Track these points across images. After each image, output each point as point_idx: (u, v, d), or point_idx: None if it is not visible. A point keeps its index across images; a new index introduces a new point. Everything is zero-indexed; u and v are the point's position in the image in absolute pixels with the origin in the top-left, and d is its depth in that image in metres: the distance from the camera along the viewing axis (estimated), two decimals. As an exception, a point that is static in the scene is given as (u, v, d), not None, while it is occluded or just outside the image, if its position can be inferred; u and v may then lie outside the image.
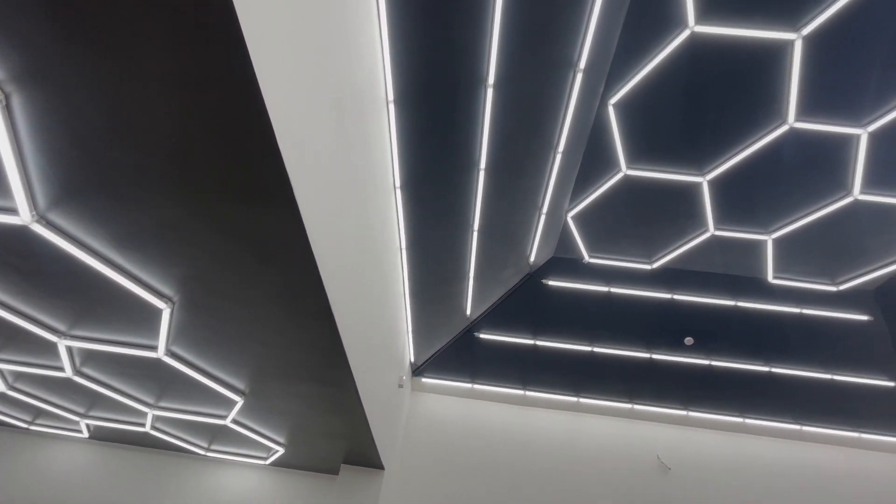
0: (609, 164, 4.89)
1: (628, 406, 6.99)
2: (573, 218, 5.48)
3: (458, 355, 6.85)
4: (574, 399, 7.03)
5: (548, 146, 4.54)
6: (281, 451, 5.74)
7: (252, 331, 3.23)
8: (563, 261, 5.98)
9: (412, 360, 6.80)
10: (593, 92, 4.23)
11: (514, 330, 6.59)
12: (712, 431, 7.05)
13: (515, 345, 6.65)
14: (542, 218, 5.30)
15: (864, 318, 5.87)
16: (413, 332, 6.25)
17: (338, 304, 2.97)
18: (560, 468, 6.61)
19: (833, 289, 5.72)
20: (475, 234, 5.19)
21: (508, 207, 5.06)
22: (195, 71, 1.70)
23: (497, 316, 6.53)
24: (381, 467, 5.72)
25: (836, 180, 4.73)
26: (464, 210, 4.89)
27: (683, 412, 6.93)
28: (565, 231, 5.65)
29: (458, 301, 6.10)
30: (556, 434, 6.95)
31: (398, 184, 4.31)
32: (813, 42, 3.78)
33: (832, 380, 6.34)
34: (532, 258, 5.87)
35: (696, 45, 3.90)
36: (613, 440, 6.95)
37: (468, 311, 6.32)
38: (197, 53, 1.64)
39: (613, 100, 4.34)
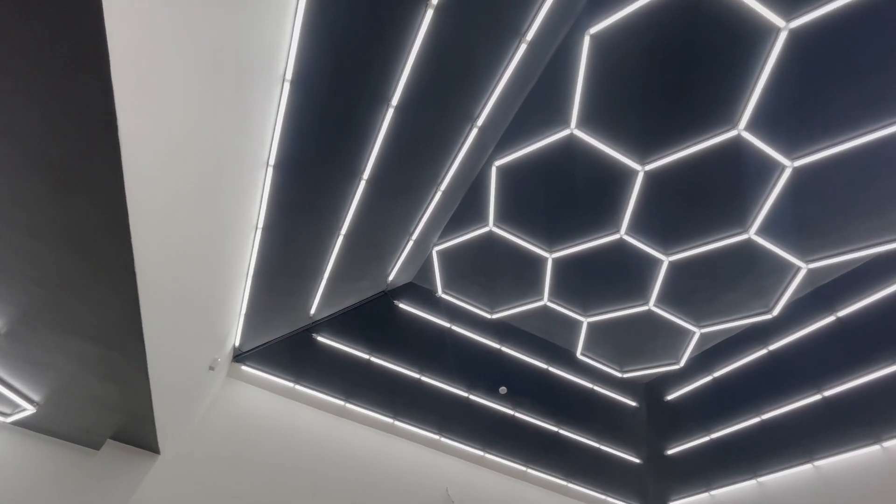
0: (480, 216, 5.30)
1: (436, 437, 7.38)
2: (438, 252, 5.78)
3: (288, 352, 6.57)
4: (390, 420, 7.19)
5: (432, 180, 4.77)
6: (31, 410, 4.77)
7: (25, 264, 2.71)
8: (418, 288, 6.22)
9: (237, 344, 6.32)
10: (483, 149, 4.61)
11: (353, 341, 6.58)
12: (500, 475, 7.79)
13: (350, 355, 6.63)
14: (411, 243, 5.49)
15: (633, 404, 7.18)
16: (246, 315, 5.84)
17: (145, 260, 2.67)
18: (354, 484, 6.64)
19: (618, 375, 6.89)
20: (341, 238, 5.15)
21: (380, 223, 5.15)
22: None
23: (340, 323, 6.46)
24: (155, 450, 5.10)
25: (641, 290, 5.79)
26: (336, 211, 4.84)
27: (481, 453, 7.55)
28: (428, 262, 5.92)
29: (305, 298, 5.91)
30: (362, 450, 6.99)
31: (272, 161, 4.11)
32: (651, 177, 4.68)
33: (599, 448, 7.55)
34: (391, 277, 6.00)
35: (573, 145, 4.54)
36: (414, 466, 7.23)
37: (312, 311, 6.15)
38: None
39: (498, 162, 4.77)
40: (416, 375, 6.84)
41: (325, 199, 4.67)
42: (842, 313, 5.36)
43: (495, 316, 6.37)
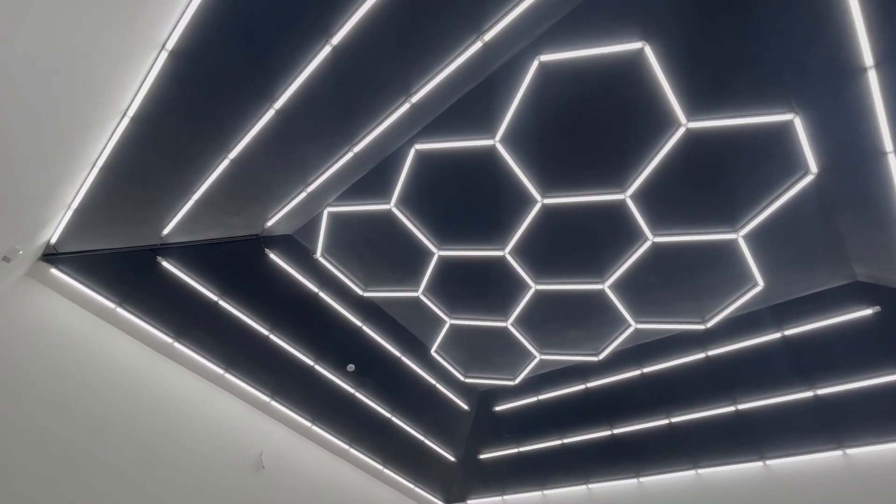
0: (384, 193, 5.19)
1: (267, 400, 6.99)
2: (330, 213, 5.49)
3: (120, 268, 5.60)
4: (220, 371, 6.60)
5: (347, 137, 4.53)
6: None
7: None
8: (295, 243, 5.82)
9: (53, 241, 5.19)
10: (409, 127, 4.52)
11: (204, 278, 5.89)
12: (321, 449, 7.68)
13: (195, 292, 5.91)
14: (303, 195, 5.13)
15: (466, 407, 7.72)
16: (77, 211, 4.83)
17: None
18: (159, 432, 5.91)
19: (461, 378, 7.34)
20: (227, 162, 4.58)
21: (276, 162, 4.71)
22: None
23: (196, 253, 5.73)
24: None
25: (504, 307, 6.25)
26: (231, 130, 4.29)
27: (309, 424, 7.35)
28: (315, 220, 5.58)
29: (161, 214, 5.11)
30: (178, 397, 6.28)
31: (171, 46, 3.48)
32: (547, 210, 5.07)
33: (423, 442, 7.93)
34: (270, 223, 5.51)
35: (492, 156, 4.70)
36: (233, 424, 6.74)
37: (166, 231, 5.35)
38: None
39: (419, 146, 4.72)
40: (265, 332, 6.40)
41: (222, 112, 4.11)
42: (646, 370, 6.46)
43: (367, 294, 6.28)
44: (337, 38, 3.57)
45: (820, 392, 5.65)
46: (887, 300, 5.03)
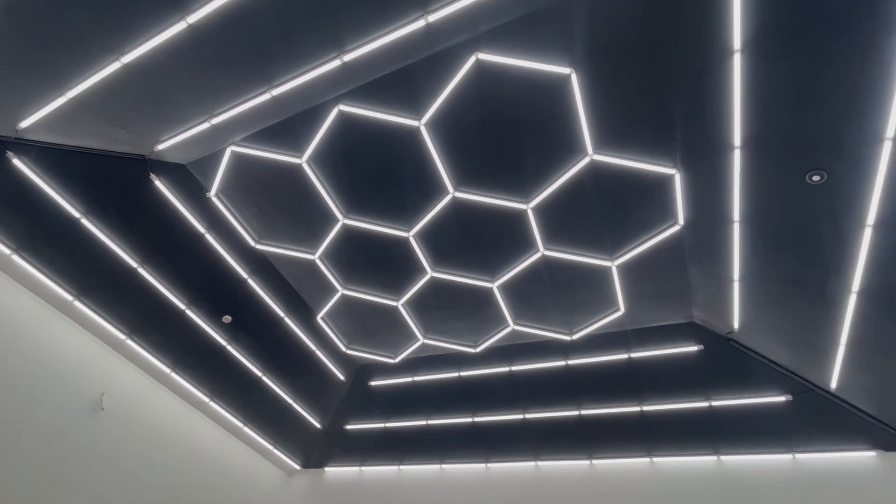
0: (298, 146, 4.94)
1: (122, 337, 6.33)
2: (233, 153, 5.09)
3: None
4: (70, 298, 5.83)
5: (268, 77, 4.24)
6: None
7: None
8: (188, 175, 5.31)
9: None
10: (337, 85, 4.35)
11: (69, 189, 5.10)
12: (177, 399, 7.20)
13: (53, 202, 5.07)
14: (206, 125, 4.70)
15: (342, 378, 7.76)
16: None
17: None
18: None
19: (343, 349, 7.34)
20: (119, 65, 4.01)
21: (182, 81, 4.25)
22: None
23: (61, 160, 4.94)
24: None
25: (399, 287, 6.35)
26: (126, 27, 3.76)
27: (168, 370, 6.82)
28: (216, 156, 5.14)
29: (20, 103, 4.31)
30: (11, 317, 5.47)
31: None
32: (456, 203, 5.24)
33: (291, 405, 7.81)
34: (161, 147, 4.96)
35: (415, 138, 4.71)
36: (78, 358, 6.04)
37: (25, 123, 4.54)
38: None
39: (344, 107, 4.57)
40: (134, 265, 5.77)
41: (119, 6, 3.58)
42: (514, 368, 7.03)
43: (259, 246, 5.96)
44: (273, -30, 3.31)
45: (645, 408, 6.64)
46: (710, 342, 6.05)
